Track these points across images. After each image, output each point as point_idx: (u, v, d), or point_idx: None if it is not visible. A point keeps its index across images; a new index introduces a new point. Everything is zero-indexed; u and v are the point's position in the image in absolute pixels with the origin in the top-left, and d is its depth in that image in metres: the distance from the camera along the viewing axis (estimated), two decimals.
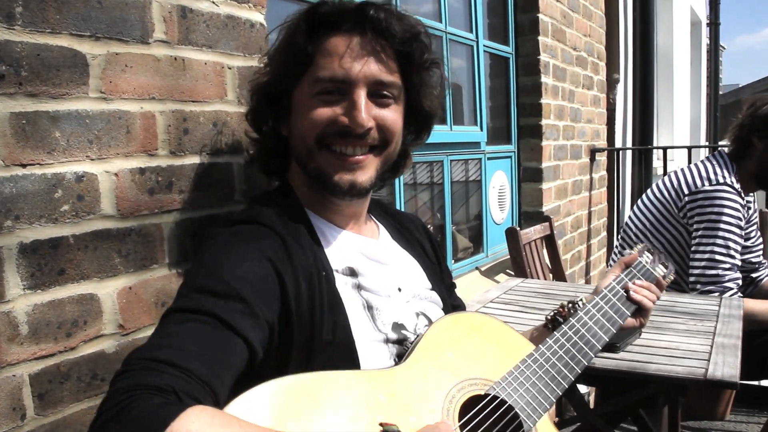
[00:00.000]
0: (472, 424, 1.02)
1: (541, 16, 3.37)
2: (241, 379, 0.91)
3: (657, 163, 5.35)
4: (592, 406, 3.44)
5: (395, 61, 1.14)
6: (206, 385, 0.83)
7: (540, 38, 3.39)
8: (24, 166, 1.01)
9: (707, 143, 8.82)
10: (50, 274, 1.04)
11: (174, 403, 0.76)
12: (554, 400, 1.14)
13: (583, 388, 3.54)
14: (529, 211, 3.53)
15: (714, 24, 10.16)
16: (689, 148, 4.29)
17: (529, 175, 3.52)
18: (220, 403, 0.84)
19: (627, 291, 1.44)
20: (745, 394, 3.50)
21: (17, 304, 1.00)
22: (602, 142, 4.54)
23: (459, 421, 1.01)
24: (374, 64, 1.11)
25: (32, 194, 1.02)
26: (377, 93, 1.13)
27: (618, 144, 4.82)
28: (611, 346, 1.69)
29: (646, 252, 1.60)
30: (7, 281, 0.98)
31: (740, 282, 2.37)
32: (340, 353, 1.06)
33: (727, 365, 1.58)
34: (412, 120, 1.23)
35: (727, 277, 2.34)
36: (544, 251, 3.23)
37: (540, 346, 1.21)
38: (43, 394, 1.04)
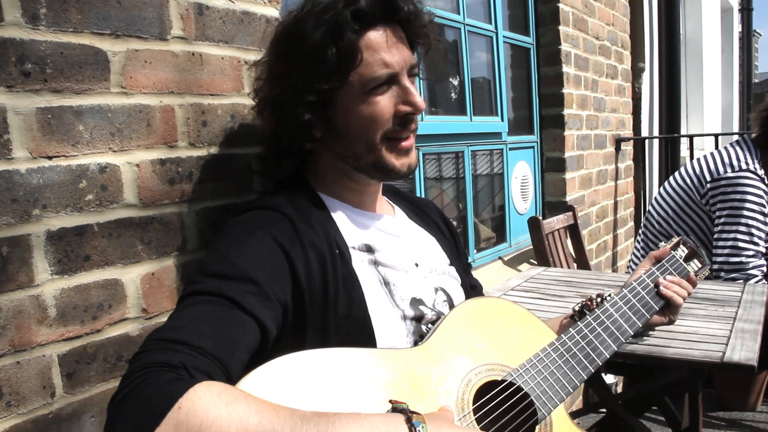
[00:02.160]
0: (485, 409, 1.04)
1: (561, 5, 3.37)
2: (259, 357, 0.96)
3: (686, 152, 5.29)
4: None
5: (410, 42, 1.21)
6: (217, 362, 0.88)
7: (561, 28, 3.39)
8: (50, 158, 1.06)
9: (739, 131, 8.66)
10: (76, 260, 1.10)
11: (184, 378, 0.80)
12: (571, 391, 1.15)
13: (610, 378, 3.53)
14: (553, 201, 3.53)
15: (746, 9, 9.95)
16: (716, 136, 4.23)
17: (552, 165, 3.52)
18: (232, 378, 0.88)
19: (657, 286, 1.44)
20: None
21: (45, 289, 1.06)
22: (628, 132, 4.51)
23: (473, 404, 1.03)
24: (405, 51, 1.18)
25: (58, 184, 1.07)
26: (410, 74, 1.20)
27: (644, 133, 4.77)
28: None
29: (681, 245, 1.58)
30: (36, 266, 1.04)
31: (764, 269, 2.36)
32: (356, 330, 1.09)
33: (745, 349, 1.58)
34: None
35: (751, 264, 2.32)
36: (568, 241, 3.23)
37: (562, 335, 1.21)
38: (71, 374, 1.10)
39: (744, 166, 2.39)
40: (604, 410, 2.51)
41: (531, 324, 1.24)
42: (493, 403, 1.05)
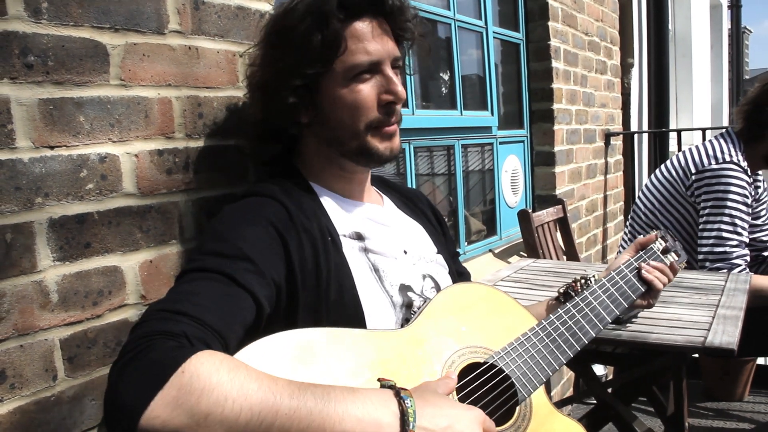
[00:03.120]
0: (467, 389, 1.07)
1: (550, 1, 3.41)
2: (252, 335, 1.00)
3: (674, 147, 5.35)
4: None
5: (395, 36, 1.25)
6: (216, 334, 0.91)
7: (550, 24, 3.42)
8: (52, 147, 1.10)
9: (729, 126, 8.73)
10: (77, 247, 1.13)
11: (186, 346, 0.84)
12: (551, 374, 1.19)
13: (600, 369, 3.58)
14: (543, 195, 3.58)
15: (735, 6, 10.05)
16: (703, 131, 4.28)
17: (541, 159, 3.57)
18: (229, 351, 0.92)
19: (638, 272, 1.50)
20: (763, 376, 3.52)
21: (48, 275, 1.09)
22: (617, 127, 4.56)
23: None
24: (389, 43, 1.23)
25: (60, 174, 1.11)
26: (394, 66, 1.24)
27: (634, 128, 4.83)
28: (614, 319, 1.74)
29: (660, 239, 1.65)
30: (38, 253, 1.08)
31: (748, 258, 2.40)
32: (347, 313, 1.13)
33: (726, 334, 1.62)
34: None
35: (735, 254, 2.37)
36: (558, 234, 3.28)
37: (543, 321, 1.26)
38: (72, 358, 1.13)
39: (728, 158, 2.43)
40: (595, 401, 2.56)
41: (513, 309, 1.28)
42: (474, 384, 1.09)
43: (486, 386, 1.10)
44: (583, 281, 1.45)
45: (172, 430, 0.78)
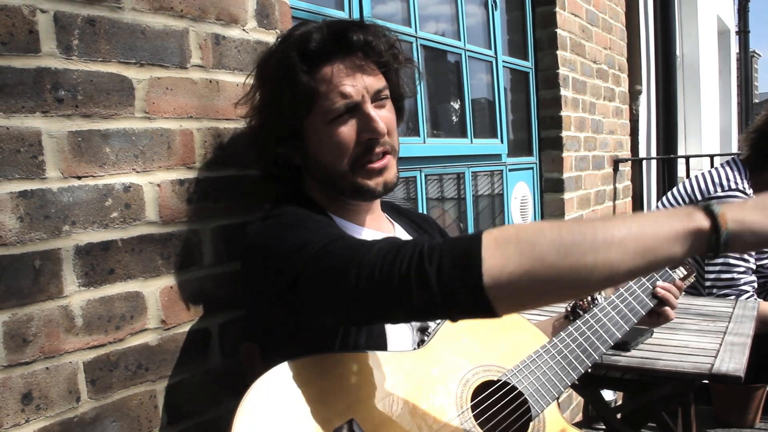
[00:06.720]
0: (482, 407, 1.11)
1: (559, 31, 3.46)
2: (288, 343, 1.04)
3: (682, 173, 5.37)
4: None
5: (377, 67, 1.27)
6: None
7: (559, 53, 3.48)
8: (79, 177, 1.15)
9: (738, 152, 8.74)
10: (101, 273, 1.18)
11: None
12: (563, 390, 1.22)
13: (609, 395, 3.58)
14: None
15: (743, 32, 10.12)
16: (711, 157, 4.31)
17: (550, 186, 3.60)
18: None
19: (645, 291, 1.51)
20: None
21: (73, 300, 1.14)
22: (626, 153, 4.59)
23: (471, 402, 1.11)
24: (367, 78, 1.24)
25: (86, 202, 1.16)
26: (376, 99, 1.26)
27: (642, 154, 4.86)
28: (623, 345, 1.76)
29: None
30: (65, 278, 1.12)
31: (756, 284, 2.42)
32: (373, 332, 1.16)
33: (733, 361, 1.64)
34: (394, 107, 1.35)
35: (742, 281, 2.39)
36: None
37: (554, 338, 1.29)
38: (95, 380, 1.17)
39: (733, 186, 2.46)
40: (603, 427, 2.56)
41: (524, 328, 1.32)
42: (489, 401, 1.12)
43: (500, 403, 1.13)
44: (589, 299, 1.48)
45: (511, 273, 0.83)
